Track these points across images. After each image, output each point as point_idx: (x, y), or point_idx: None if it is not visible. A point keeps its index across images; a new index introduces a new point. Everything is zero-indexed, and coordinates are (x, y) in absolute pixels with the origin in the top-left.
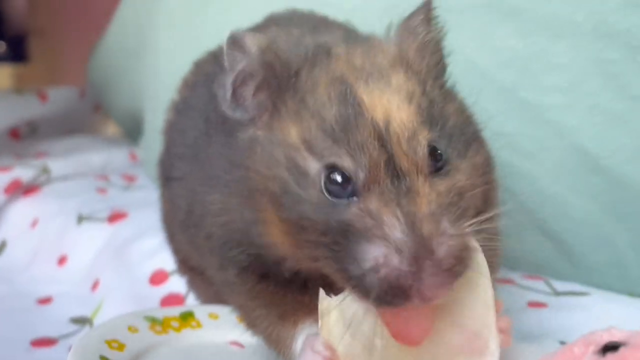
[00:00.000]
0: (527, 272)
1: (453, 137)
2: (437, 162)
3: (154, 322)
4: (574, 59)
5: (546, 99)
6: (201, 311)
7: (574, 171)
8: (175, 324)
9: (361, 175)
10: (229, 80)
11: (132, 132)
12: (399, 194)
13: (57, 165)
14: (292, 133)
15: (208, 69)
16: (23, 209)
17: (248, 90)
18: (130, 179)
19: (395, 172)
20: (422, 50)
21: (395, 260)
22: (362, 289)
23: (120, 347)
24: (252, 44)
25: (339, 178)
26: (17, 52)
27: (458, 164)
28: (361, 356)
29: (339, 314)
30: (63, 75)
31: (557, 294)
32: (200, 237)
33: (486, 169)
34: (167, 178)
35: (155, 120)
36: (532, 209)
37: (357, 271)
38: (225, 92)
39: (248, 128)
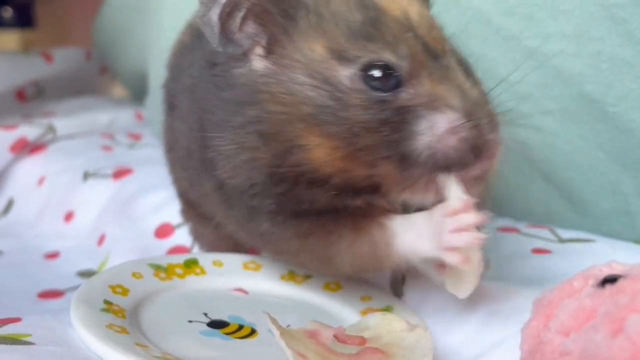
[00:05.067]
0: (533, 222)
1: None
2: None
3: (158, 269)
4: (579, 5)
5: (552, 46)
6: (205, 258)
7: (580, 119)
8: (179, 270)
9: (404, 65)
10: (214, 14)
11: (138, 93)
12: (443, 71)
13: (62, 124)
14: (316, 48)
15: None
16: (29, 167)
17: (236, 22)
18: (135, 137)
19: (432, 55)
20: None
21: (467, 123)
22: (430, 164)
23: (125, 292)
24: None
25: (378, 73)
26: (24, 17)
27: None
28: None
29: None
30: (70, 40)
31: (562, 241)
32: (206, 187)
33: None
34: (171, 105)
35: (160, 79)
36: (539, 157)
37: (424, 147)
38: (212, 28)
39: (244, 62)
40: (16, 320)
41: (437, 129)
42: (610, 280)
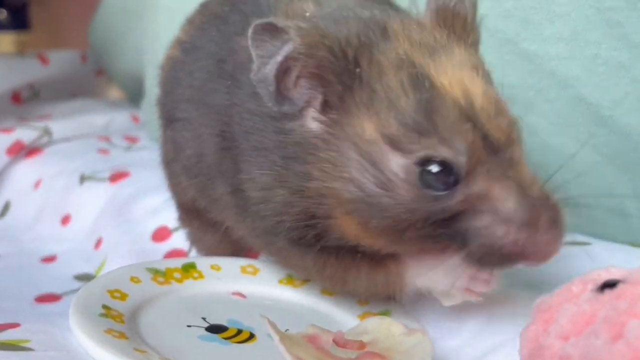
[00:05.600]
0: None
1: None
2: None
3: (156, 273)
4: (575, 8)
5: (548, 50)
6: (203, 263)
7: (576, 122)
8: (177, 275)
9: (462, 160)
10: (270, 73)
11: (134, 95)
12: (503, 167)
13: (58, 127)
14: (367, 128)
15: (215, 9)
16: (26, 170)
17: (291, 80)
18: (132, 140)
19: (493, 148)
20: (467, 27)
21: (512, 233)
22: (477, 261)
23: (123, 296)
24: (290, 28)
25: (436, 169)
26: (19, 20)
27: None
28: None
29: None
30: (65, 43)
31: None
32: (218, 191)
33: None
34: (170, 119)
35: (156, 81)
36: (535, 161)
37: (474, 248)
38: (268, 86)
39: (297, 119)
40: (15, 325)
41: (489, 233)
42: (609, 285)
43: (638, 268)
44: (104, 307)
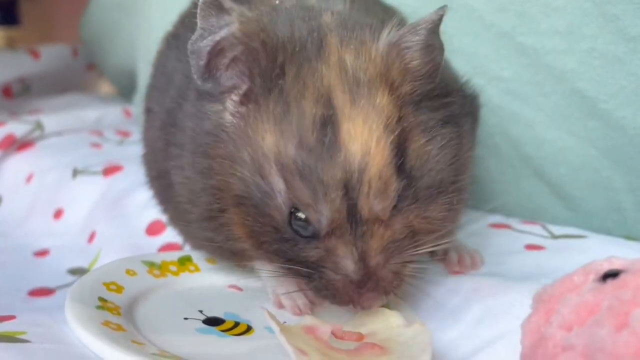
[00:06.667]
0: (524, 218)
1: (420, 182)
2: (396, 204)
3: (152, 266)
4: (571, 2)
5: (544, 43)
6: (199, 256)
7: (572, 115)
8: (173, 268)
9: (323, 223)
10: (204, 48)
11: (126, 90)
12: (356, 237)
13: (50, 121)
14: (267, 140)
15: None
16: (18, 164)
17: (223, 62)
18: (124, 134)
19: (355, 220)
20: (406, 74)
21: (342, 282)
22: (310, 282)
23: (119, 289)
24: (234, 12)
25: (302, 216)
26: (9, 15)
27: (417, 207)
28: None
29: None
30: (55, 38)
31: (555, 237)
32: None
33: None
34: (146, 109)
35: (149, 75)
36: (530, 154)
37: (312, 282)
38: (199, 59)
39: (217, 102)
40: (10, 318)
41: (329, 278)
42: (611, 275)
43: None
44: (100, 299)
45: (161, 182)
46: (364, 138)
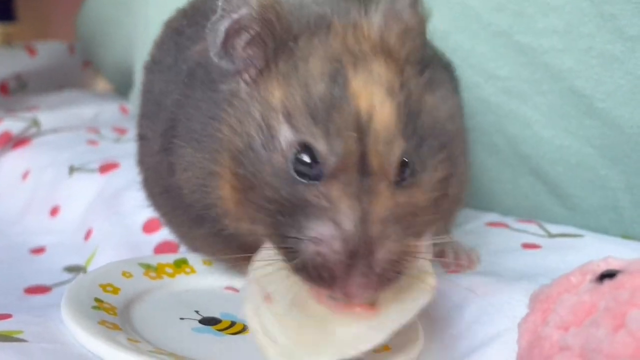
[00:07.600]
0: (520, 217)
1: (424, 142)
2: (403, 174)
3: (148, 268)
4: (569, 1)
5: (542, 42)
6: (195, 258)
7: (569, 114)
8: (169, 270)
9: (332, 161)
10: (222, 26)
11: (122, 87)
12: (362, 189)
13: (47, 118)
14: (276, 95)
15: (175, 24)
16: (14, 161)
17: (240, 42)
18: (121, 131)
19: (364, 169)
20: (404, 37)
21: (336, 244)
22: (292, 260)
23: (115, 290)
24: None
25: (307, 159)
26: (5, 11)
27: (421, 177)
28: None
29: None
30: (51, 35)
31: (551, 235)
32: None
33: (446, 184)
34: (139, 135)
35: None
36: (527, 153)
37: (294, 242)
38: (216, 37)
39: (232, 80)
40: (7, 316)
41: (308, 232)
42: (608, 275)
43: (636, 259)
44: (96, 300)
45: (165, 196)
46: (369, 97)
